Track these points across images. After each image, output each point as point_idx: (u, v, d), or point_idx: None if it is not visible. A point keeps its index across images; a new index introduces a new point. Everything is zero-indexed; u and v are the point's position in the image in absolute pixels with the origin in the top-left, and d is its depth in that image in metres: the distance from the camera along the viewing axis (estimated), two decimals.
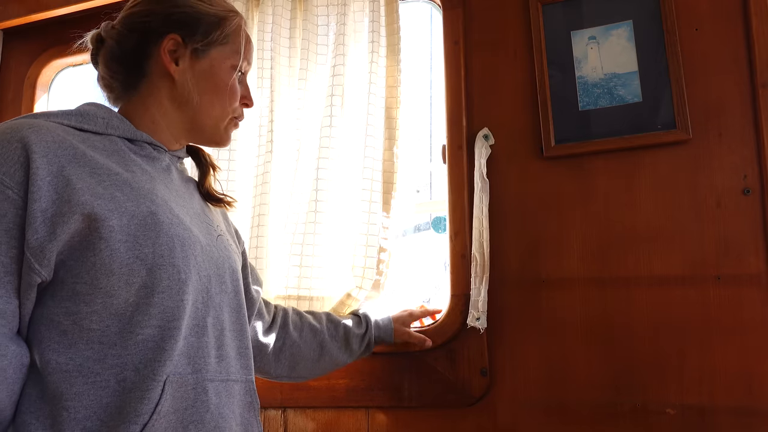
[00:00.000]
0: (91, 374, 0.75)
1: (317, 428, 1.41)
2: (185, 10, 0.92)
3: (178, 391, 0.79)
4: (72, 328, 0.75)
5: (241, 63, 0.96)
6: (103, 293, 0.75)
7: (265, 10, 1.54)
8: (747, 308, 1.18)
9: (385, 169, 1.41)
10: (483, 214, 1.34)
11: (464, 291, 1.35)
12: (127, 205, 0.79)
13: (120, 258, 0.76)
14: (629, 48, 1.32)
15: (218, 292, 0.89)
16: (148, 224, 0.79)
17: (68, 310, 0.75)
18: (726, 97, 1.25)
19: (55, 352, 0.75)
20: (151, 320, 0.77)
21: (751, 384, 1.16)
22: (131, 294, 0.76)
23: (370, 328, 1.28)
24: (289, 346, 1.18)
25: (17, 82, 1.87)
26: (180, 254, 0.81)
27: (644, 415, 1.21)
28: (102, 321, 0.76)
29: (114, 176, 0.80)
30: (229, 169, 1.49)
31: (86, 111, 0.87)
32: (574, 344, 1.27)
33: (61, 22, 1.82)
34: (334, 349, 1.23)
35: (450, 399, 1.32)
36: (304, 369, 1.21)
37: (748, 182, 1.21)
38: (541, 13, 1.39)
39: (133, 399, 0.75)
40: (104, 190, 0.78)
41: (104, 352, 0.75)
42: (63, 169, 0.75)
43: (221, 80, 0.94)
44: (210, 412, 0.82)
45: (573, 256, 1.30)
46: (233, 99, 0.96)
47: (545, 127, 1.34)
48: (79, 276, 0.75)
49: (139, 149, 0.89)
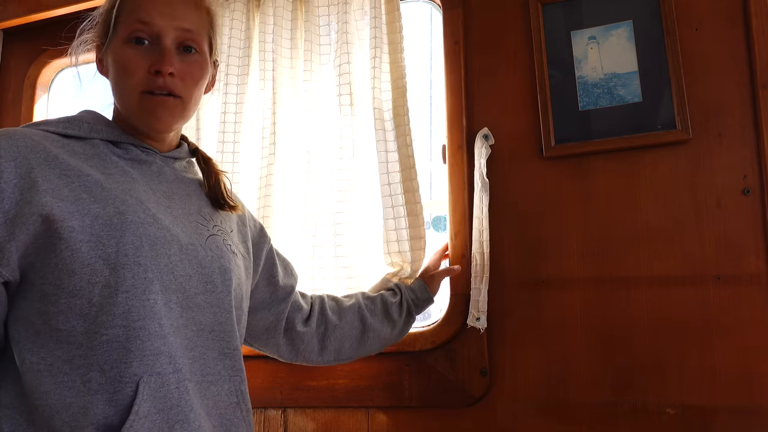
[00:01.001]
0: (59, 374, 0.75)
1: (317, 428, 1.41)
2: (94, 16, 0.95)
3: (159, 392, 0.78)
4: (43, 328, 0.77)
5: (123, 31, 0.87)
6: (66, 293, 0.76)
7: (266, 11, 1.53)
8: (747, 308, 1.18)
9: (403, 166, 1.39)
10: (483, 214, 1.34)
11: (464, 291, 1.35)
12: (91, 207, 0.79)
13: (81, 258, 0.76)
14: (629, 48, 1.32)
15: (200, 292, 0.87)
16: (114, 224, 0.79)
17: (39, 310, 0.77)
18: (726, 97, 1.25)
19: (29, 351, 0.77)
20: (115, 320, 0.77)
21: (751, 384, 1.16)
22: (94, 294, 0.76)
23: (403, 293, 1.29)
24: (331, 331, 1.19)
25: (17, 82, 1.87)
26: (148, 253, 0.80)
27: (644, 415, 1.21)
28: (68, 321, 0.76)
29: (84, 178, 0.81)
30: (234, 171, 1.49)
31: (74, 117, 0.89)
32: (574, 344, 1.27)
33: (61, 22, 1.82)
34: (377, 323, 1.24)
35: (450, 399, 1.32)
36: (351, 349, 1.22)
37: (748, 182, 1.21)
38: (541, 13, 1.39)
39: (100, 401, 0.74)
40: (70, 192, 0.79)
41: (72, 352, 0.76)
42: (31, 171, 0.77)
43: (116, 62, 0.88)
44: (194, 411, 0.81)
45: (573, 256, 1.30)
46: (127, 74, 0.86)
47: (545, 127, 1.34)
48: (45, 277, 0.77)
49: (124, 152, 0.90)
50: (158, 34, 0.87)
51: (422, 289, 1.31)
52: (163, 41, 0.87)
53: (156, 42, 0.87)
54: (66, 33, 1.02)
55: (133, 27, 0.86)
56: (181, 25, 0.88)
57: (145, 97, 0.87)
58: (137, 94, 0.87)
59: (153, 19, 0.86)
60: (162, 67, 0.85)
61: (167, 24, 0.87)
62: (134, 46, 0.86)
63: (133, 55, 0.86)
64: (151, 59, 0.86)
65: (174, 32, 0.88)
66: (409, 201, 1.36)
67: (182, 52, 0.90)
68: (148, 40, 0.87)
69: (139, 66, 0.86)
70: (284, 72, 1.51)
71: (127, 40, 0.86)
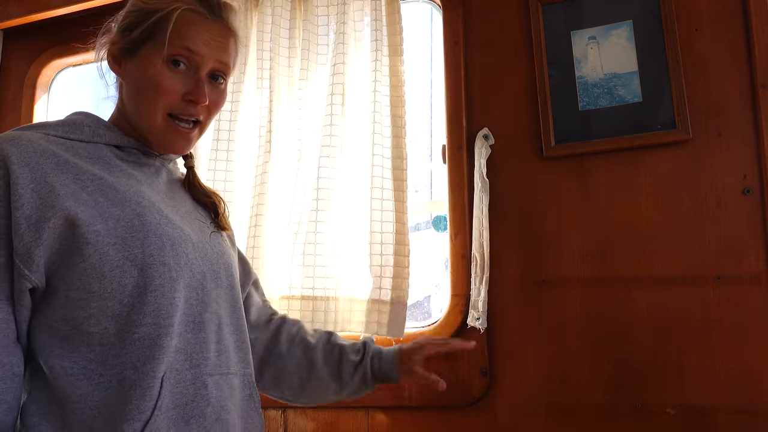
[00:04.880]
0: (94, 376, 0.76)
1: (317, 428, 1.41)
2: (124, 13, 0.92)
3: (176, 387, 0.80)
4: (72, 333, 0.77)
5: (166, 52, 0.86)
6: (97, 297, 0.77)
7: (264, 10, 1.54)
8: (747, 308, 1.18)
9: (395, 167, 1.41)
10: (483, 214, 1.34)
11: (464, 291, 1.35)
12: (111, 210, 0.80)
13: (110, 261, 0.77)
14: (629, 48, 1.32)
15: (213, 288, 0.89)
16: (135, 226, 0.80)
17: (65, 316, 0.77)
18: (726, 97, 1.25)
19: (58, 357, 0.77)
20: (146, 318, 0.78)
21: (751, 384, 1.16)
22: (125, 295, 0.78)
23: (366, 355, 1.06)
24: (274, 358, 1.06)
25: (17, 82, 1.87)
26: (170, 253, 0.82)
27: (644, 415, 1.21)
28: (99, 323, 0.77)
29: (98, 181, 0.82)
30: (227, 170, 1.49)
31: (73, 120, 0.88)
32: (574, 344, 1.27)
33: (61, 22, 1.82)
34: (324, 373, 1.05)
35: (450, 399, 1.32)
36: (290, 389, 1.07)
37: (748, 182, 1.21)
38: (541, 13, 1.39)
39: (135, 396, 0.76)
40: (88, 195, 0.79)
41: (105, 353, 0.77)
42: (46, 176, 0.77)
43: (148, 76, 0.87)
44: (211, 405, 0.83)
45: (573, 256, 1.30)
46: (160, 94, 0.86)
47: (545, 127, 1.34)
48: (71, 283, 0.76)
49: (126, 155, 0.90)
50: (198, 65, 0.89)
51: (390, 364, 1.06)
52: (200, 72, 0.89)
53: (193, 69, 0.89)
54: (69, 32, 1.02)
55: (177, 51, 0.87)
56: (221, 58, 0.90)
57: (170, 121, 0.88)
58: (163, 115, 0.88)
59: (199, 49, 0.88)
60: (199, 98, 0.87)
61: (209, 55, 0.89)
62: (172, 68, 0.87)
63: (170, 77, 0.87)
64: (186, 86, 0.88)
65: (212, 64, 0.90)
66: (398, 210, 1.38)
67: (211, 80, 0.91)
68: (185, 65, 0.88)
69: (173, 90, 0.87)
70: (282, 71, 1.52)
71: (166, 60, 0.87)
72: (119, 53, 0.91)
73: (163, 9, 0.87)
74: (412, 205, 1.45)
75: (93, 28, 0.96)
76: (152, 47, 0.87)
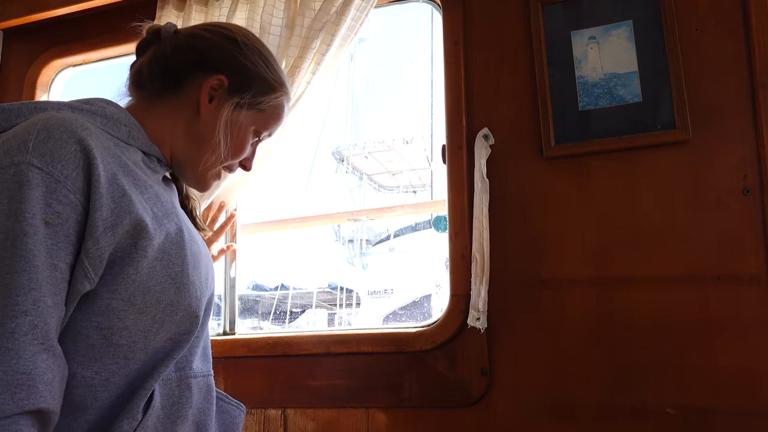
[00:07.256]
0: (115, 388, 0.75)
1: (317, 428, 1.41)
2: (247, 65, 0.90)
3: (164, 389, 0.80)
4: (101, 343, 0.74)
5: (264, 134, 0.96)
6: (136, 310, 0.75)
7: (256, 9, 1.51)
8: (747, 308, 1.18)
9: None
10: (483, 214, 1.34)
11: (464, 291, 1.35)
12: (164, 222, 0.78)
13: (157, 276, 0.76)
14: (629, 48, 1.32)
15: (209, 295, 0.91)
16: (176, 242, 0.79)
17: (100, 325, 0.73)
18: (726, 97, 1.25)
19: (80, 365, 0.73)
20: (167, 334, 0.79)
21: (752, 384, 1.16)
22: (159, 311, 0.77)
23: None
24: None
25: (17, 82, 1.87)
26: (196, 271, 0.83)
27: (644, 415, 1.21)
28: (130, 337, 0.76)
29: (149, 189, 0.79)
30: None
31: (111, 115, 0.83)
32: (574, 344, 1.27)
33: (61, 22, 1.81)
34: None
35: (450, 399, 1.32)
36: None
37: (748, 182, 1.21)
38: (541, 13, 1.39)
39: (138, 397, 0.76)
40: (146, 203, 0.77)
41: (128, 366, 0.76)
42: (116, 177, 0.73)
43: (240, 137, 0.92)
44: (192, 407, 0.84)
45: (573, 256, 1.30)
46: (234, 154, 0.93)
47: (545, 127, 1.34)
48: (117, 292, 0.73)
49: (149, 161, 0.87)
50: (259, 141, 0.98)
51: None
52: (256, 145, 0.99)
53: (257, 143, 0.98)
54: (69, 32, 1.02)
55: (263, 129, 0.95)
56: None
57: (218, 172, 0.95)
58: (219, 167, 0.94)
59: (272, 133, 0.98)
60: (249, 167, 0.98)
61: None
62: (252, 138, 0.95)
63: (249, 144, 0.95)
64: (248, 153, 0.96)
65: None
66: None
67: None
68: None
69: (242, 153, 0.94)
70: None
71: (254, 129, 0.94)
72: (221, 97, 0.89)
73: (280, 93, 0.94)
74: (413, 205, 1.45)
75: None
76: (254, 115, 0.92)
